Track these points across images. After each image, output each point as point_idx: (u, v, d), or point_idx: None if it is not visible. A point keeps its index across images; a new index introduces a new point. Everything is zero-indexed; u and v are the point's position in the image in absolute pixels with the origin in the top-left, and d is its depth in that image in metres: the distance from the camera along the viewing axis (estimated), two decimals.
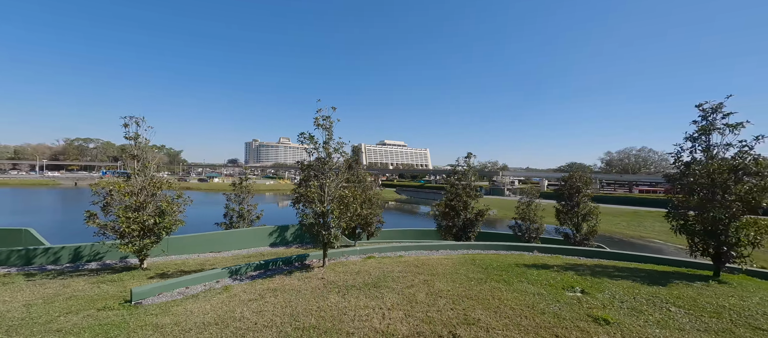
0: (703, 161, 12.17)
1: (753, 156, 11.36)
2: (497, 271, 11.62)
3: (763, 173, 11.18)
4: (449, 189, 23.08)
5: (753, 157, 11.33)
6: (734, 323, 7.50)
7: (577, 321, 7.45)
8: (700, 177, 11.95)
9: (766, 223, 11.33)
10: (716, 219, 11.37)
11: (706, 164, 11.94)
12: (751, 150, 11.37)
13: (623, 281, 10.77)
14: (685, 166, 12.64)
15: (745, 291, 10.10)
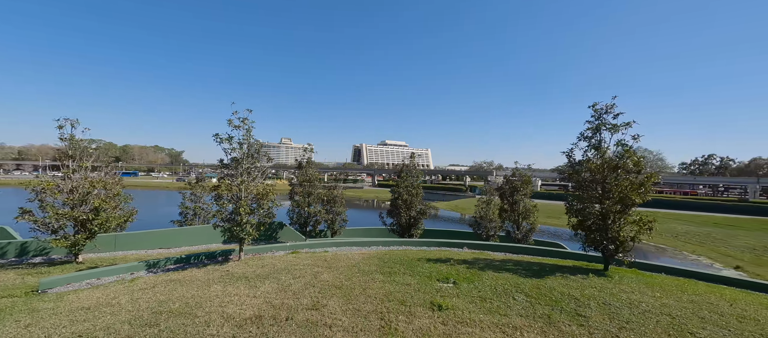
0: (592, 159, 12.69)
1: (633, 154, 11.87)
2: (396, 265, 12.25)
3: (635, 171, 11.69)
4: (394, 188, 23.65)
5: (631, 155, 11.85)
6: (563, 310, 8.06)
7: (414, 307, 8.07)
8: (586, 175, 12.48)
9: (646, 218, 11.84)
10: (598, 215, 11.88)
11: (591, 162, 12.46)
12: (630, 148, 11.89)
13: (506, 273, 11.33)
14: (578, 164, 13.15)
15: (613, 282, 10.62)
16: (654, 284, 10.74)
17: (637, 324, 7.39)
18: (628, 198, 11.47)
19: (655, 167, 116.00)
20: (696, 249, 49.21)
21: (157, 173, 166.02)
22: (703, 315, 8.00)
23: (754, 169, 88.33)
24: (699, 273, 13.57)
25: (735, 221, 59.77)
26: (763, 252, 45.18)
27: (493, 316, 7.62)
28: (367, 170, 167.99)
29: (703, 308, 8.56)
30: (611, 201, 11.78)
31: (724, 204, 74.24)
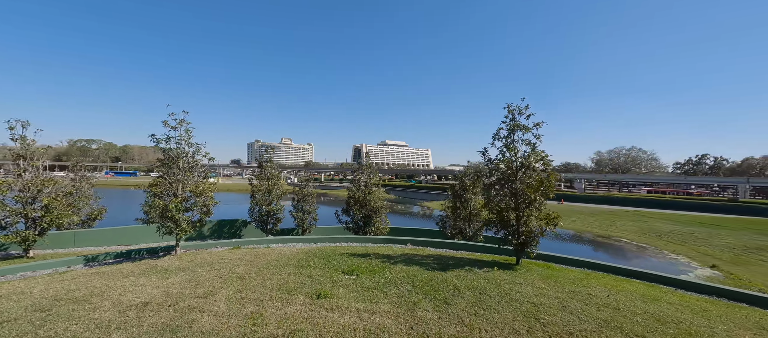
0: (508, 158, 13.22)
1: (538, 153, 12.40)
2: (316, 259, 12.87)
3: (537, 169, 12.21)
4: (349, 187, 24.23)
5: (536, 155, 12.38)
6: (434, 299, 8.64)
7: (297, 295, 8.69)
8: (497, 173, 13.02)
9: (553, 214, 12.37)
10: (504, 210, 12.42)
11: (502, 161, 13.00)
12: (534, 146, 12.43)
13: (415, 266, 11.89)
14: (492, 162, 13.67)
15: (512, 274, 11.17)
16: (553, 276, 11.27)
17: (495, 309, 7.95)
18: (527, 194, 11.97)
19: (649, 167, 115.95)
20: (677, 249, 49.39)
21: (155, 173, 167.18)
22: (566, 304, 8.54)
23: (746, 168, 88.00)
24: (624, 270, 13.94)
25: (720, 220, 59.84)
26: (741, 251, 45.31)
27: (363, 303, 8.21)
28: None
29: (574, 297, 9.09)
30: (520, 198, 12.29)
31: (715, 204, 74.21)
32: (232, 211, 47.29)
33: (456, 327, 7.00)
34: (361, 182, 24.05)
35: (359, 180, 24.16)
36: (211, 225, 23.36)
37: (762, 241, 46.98)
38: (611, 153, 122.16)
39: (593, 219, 69.65)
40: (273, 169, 24.69)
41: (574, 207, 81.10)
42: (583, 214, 73.74)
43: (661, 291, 10.61)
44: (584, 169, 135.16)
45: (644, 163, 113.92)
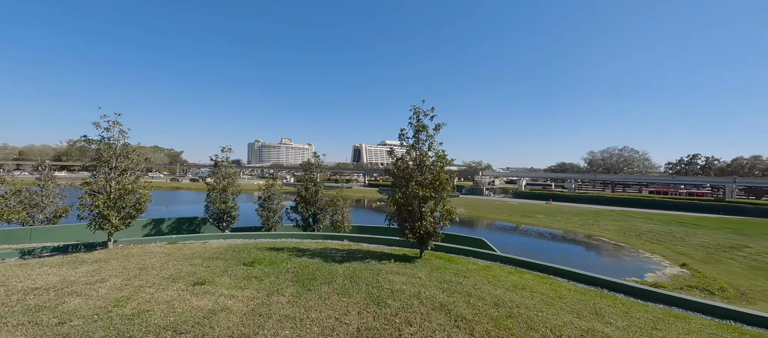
0: (412, 156, 13.94)
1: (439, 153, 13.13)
2: (230, 252, 13.73)
3: (434, 168, 12.94)
4: (300, 184, 25.00)
5: (430, 154, 13.12)
6: (302, 284, 9.42)
7: (179, 282, 9.52)
8: (400, 171, 13.77)
9: (452, 209, 13.10)
10: (404, 206, 13.16)
11: (404, 160, 13.74)
12: (431, 146, 13.16)
13: (318, 259, 12.68)
14: (399, 160, 14.40)
15: (403, 266, 11.93)
16: (444, 268, 12.02)
17: (349, 295, 8.71)
18: (414, 191, 12.70)
19: (642, 167, 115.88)
20: (652, 247, 49.83)
21: (153, 173, 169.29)
22: (426, 292, 9.25)
23: (735, 168, 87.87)
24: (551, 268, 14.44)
25: (700, 220, 60.08)
26: (714, 250, 45.73)
27: (232, 290, 9.01)
28: (360, 170, 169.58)
29: (441, 286, 9.84)
30: (422, 193, 12.99)
31: (701, 203, 74.34)
32: None
33: (295, 308, 7.78)
34: (309, 181, 24.82)
35: (308, 179, 24.94)
36: (170, 222, 24.27)
37: (736, 240, 47.36)
38: (604, 153, 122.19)
39: (577, 218, 70.09)
40: (229, 168, 25.56)
41: (563, 207, 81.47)
42: (568, 214, 74.16)
43: (555, 286, 11.15)
44: (579, 169, 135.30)
45: (636, 163, 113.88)
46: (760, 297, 32.28)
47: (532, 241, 56.64)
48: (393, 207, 13.98)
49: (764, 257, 40.75)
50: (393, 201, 13.79)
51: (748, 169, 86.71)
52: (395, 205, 13.63)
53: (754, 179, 78.43)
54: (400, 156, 14.26)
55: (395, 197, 13.52)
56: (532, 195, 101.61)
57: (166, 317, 7.17)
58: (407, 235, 13.17)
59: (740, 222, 57.30)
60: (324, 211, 24.34)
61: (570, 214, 73.47)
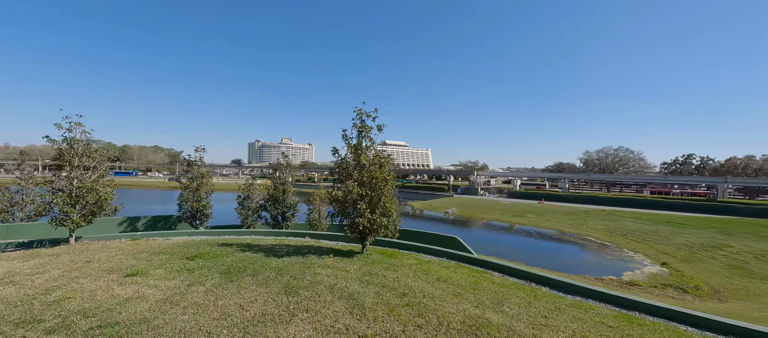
0: (353, 155, 14.47)
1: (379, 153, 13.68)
2: (181, 248, 14.36)
3: (378, 166, 13.47)
4: (270, 183, 25.61)
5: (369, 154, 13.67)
6: (229, 276, 10.00)
7: (114, 274, 10.13)
8: (341, 170, 14.32)
9: (392, 206, 13.62)
10: (342, 203, 13.71)
11: (345, 159, 14.29)
12: (369, 147, 13.70)
13: (260, 253, 13.26)
14: (342, 160, 14.93)
15: (337, 260, 12.50)
16: (376, 262, 12.57)
17: (268, 285, 9.28)
18: (350, 188, 13.25)
19: (637, 166, 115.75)
20: (637, 247, 50.16)
21: (153, 173, 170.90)
22: (342, 283, 9.81)
23: (729, 168, 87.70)
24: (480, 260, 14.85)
25: (688, 220, 60.23)
26: (697, 249, 46.04)
27: (161, 280, 9.61)
28: None
29: (362, 279, 10.40)
30: (359, 191, 13.54)
31: (693, 203, 74.43)
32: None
33: (207, 297, 8.36)
34: (278, 181, 25.43)
35: (277, 179, 25.54)
36: (145, 220, 24.97)
37: (719, 240, 47.60)
38: (600, 153, 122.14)
39: (567, 218, 70.41)
40: (203, 168, 26.23)
41: (554, 207, 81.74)
42: (559, 214, 74.47)
43: (479, 279, 11.56)
44: (576, 169, 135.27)
45: (631, 163, 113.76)
46: (732, 295, 32.61)
47: (518, 240, 57.11)
48: (334, 204, 14.53)
49: (744, 256, 41.06)
50: (330, 198, 14.36)
51: (741, 169, 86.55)
52: (334, 202, 14.20)
53: (747, 179, 78.36)
54: (343, 155, 14.80)
55: (333, 194, 14.08)
56: (526, 195, 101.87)
57: (82, 303, 7.78)
58: (345, 230, 13.72)
59: (727, 221, 57.44)
60: (292, 210, 24.95)
61: (560, 214, 73.77)
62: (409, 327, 7.14)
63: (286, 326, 6.90)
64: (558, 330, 7.49)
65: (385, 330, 6.90)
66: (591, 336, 7.29)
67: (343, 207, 13.89)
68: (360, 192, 13.21)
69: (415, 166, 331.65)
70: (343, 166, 14.49)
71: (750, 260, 39.53)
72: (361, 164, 13.66)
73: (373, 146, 14.18)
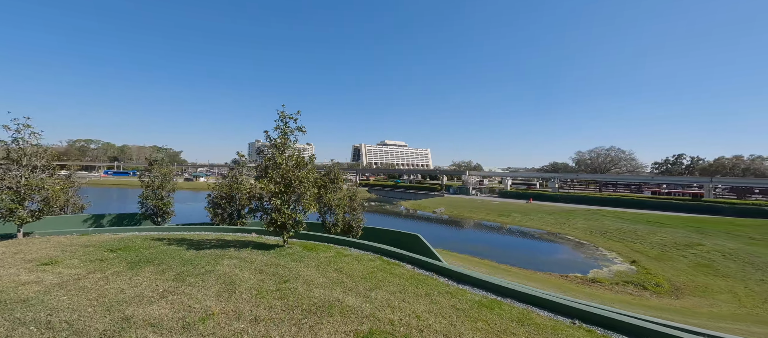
0: (277, 155, 15.31)
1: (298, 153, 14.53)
2: (112, 242, 15.26)
3: (296, 166, 14.34)
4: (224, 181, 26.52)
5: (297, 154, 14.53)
6: (136, 265, 10.88)
7: (30, 264, 11.03)
8: (261, 169, 15.19)
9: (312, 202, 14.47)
10: (260, 198, 14.56)
11: (268, 159, 15.14)
12: (287, 147, 14.56)
13: (182, 247, 14.10)
14: (267, 159, 15.78)
15: (252, 252, 13.35)
16: (290, 254, 13.43)
17: (166, 273, 10.15)
18: (264, 186, 14.14)
19: (629, 166, 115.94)
20: (612, 245, 50.85)
21: None
22: (239, 273, 10.67)
23: (717, 168, 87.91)
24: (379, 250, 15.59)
25: (668, 219, 60.70)
26: (670, 248, 46.64)
27: (70, 269, 10.47)
28: (352, 170, 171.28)
29: (265, 266, 11.28)
30: (272, 188, 14.41)
31: (679, 203, 74.79)
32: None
33: (98, 282, 9.23)
34: (232, 180, 26.30)
35: (231, 178, 26.42)
36: (110, 217, 25.96)
37: (693, 239, 48.14)
38: (592, 153, 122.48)
39: (551, 217, 71.00)
40: (165, 169, 27.20)
41: (541, 206, 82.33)
42: (544, 213, 75.08)
43: (377, 270, 12.37)
44: (570, 169, 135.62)
45: (622, 163, 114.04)
46: (690, 292, 33.30)
47: (497, 238, 57.78)
48: (253, 201, 15.42)
49: (712, 255, 41.64)
50: (250, 196, 15.25)
51: (729, 169, 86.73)
52: (251, 199, 15.10)
53: (732, 179, 78.57)
54: (267, 155, 15.66)
55: (252, 192, 14.97)
56: (516, 195, 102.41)
57: None
58: (265, 225, 14.59)
59: (705, 221, 57.88)
60: (247, 208, 25.81)
61: (545, 213, 74.37)
62: (260, 307, 7.97)
63: (148, 305, 7.75)
64: (397, 309, 8.31)
65: (235, 309, 7.73)
66: (424, 314, 8.10)
67: (261, 203, 14.78)
68: (274, 190, 14.08)
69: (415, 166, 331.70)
70: (263, 166, 15.38)
71: (717, 258, 40.12)
72: (277, 163, 14.51)
73: (291, 146, 15.03)
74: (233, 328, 6.79)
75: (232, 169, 26.86)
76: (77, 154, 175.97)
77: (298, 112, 15.16)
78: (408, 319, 7.78)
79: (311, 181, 14.79)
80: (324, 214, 23.89)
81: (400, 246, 30.63)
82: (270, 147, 15.31)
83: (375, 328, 7.11)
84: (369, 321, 7.51)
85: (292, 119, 15.07)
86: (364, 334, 6.79)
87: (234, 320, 7.19)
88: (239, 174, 25.65)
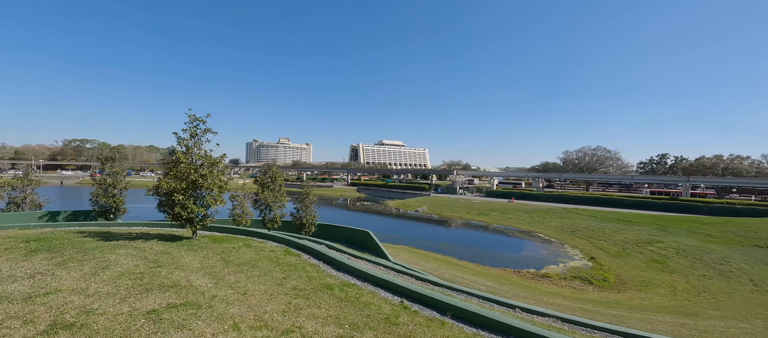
0: (187, 153, 16.46)
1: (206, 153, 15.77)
2: (36, 233, 16.51)
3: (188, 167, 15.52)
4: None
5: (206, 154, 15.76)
6: (32, 253, 12.12)
7: None
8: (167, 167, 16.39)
9: (217, 197, 15.67)
10: (169, 194, 15.77)
11: (185, 156, 16.25)
12: (190, 147, 15.78)
13: (89, 238, 15.33)
14: (171, 160, 16.82)
15: (155, 243, 14.58)
16: (188, 244, 14.69)
17: (54, 257, 11.41)
18: (165, 182, 15.35)
19: (616, 166, 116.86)
20: (578, 243, 51.99)
21: (144, 172, 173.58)
22: (122, 258, 11.89)
23: (698, 167, 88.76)
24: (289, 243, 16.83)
25: (637, 217, 61.72)
26: (631, 245, 47.79)
27: None
28: (345, 169, 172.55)
29: (155, 255, 12.50)
30: (174, 185, 15.57)
31: (656, 202, 75.83)
32: None
33: None
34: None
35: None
36: (66, 214, 27.24)
37: (655, 236, 49.24)
38: (579, 152, 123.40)
39: (528, 216, 72.08)
40: (116, 168, 28.46)
41: (522, 205, 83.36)
42: (522, 212, 76.13)
43: (262, 260, 13.57)
44: (560, 168, 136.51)
45: (608, 162, 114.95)
46: (635, 286, 34.48)
47: (469, 235, 59.05)
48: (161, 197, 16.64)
49: (667, 251, 42.75)
50: (156, 192, 16.47)
51: (709, 168, 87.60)
52: (157, 193, 16.33)
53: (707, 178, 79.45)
54: (173, 155, 16.81)
55: (159, 189, 16.20)
56: (501, 194, 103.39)
57: None
58: (169, 219, 15.80)
59: (671, 219, 58.89)
60: None
61: (523, 212, 75.44)
62: (110, 285, 9.14)
63: (11, 283, 8.96)
64: (236, 289, 9.51)
65: (84, 287, 8.90)
66: (257, 293, 9.29)
67: (169, 200, 16.00)
68: (175, 187, 15.30)
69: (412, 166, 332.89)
70: (168, 163, 16.58)
71: (671, 255, 41.22)
72: (180, 162, 15.71)
73: (198, 145, 16.21)
74: (65, 299, 8.00)
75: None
76: (73, 154, 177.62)
77: (208, 115, 16.36)
78: (235, 296, 8.95)
79: (218, 179, 15.96)
80: (263, 211, 24.97)
81: (352, 243, 32.10)
82: (184, 143, 16.43)
83: (189, 301, 8.31)
84: (192, 295, 8.72)
85: (201, 121, 16.25)
86: (172, 305, 7.99)
87: (74, 294, 8.40)
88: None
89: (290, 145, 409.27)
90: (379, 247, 27.67)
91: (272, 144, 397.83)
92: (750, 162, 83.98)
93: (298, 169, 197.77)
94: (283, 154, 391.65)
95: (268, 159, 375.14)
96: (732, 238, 44.75)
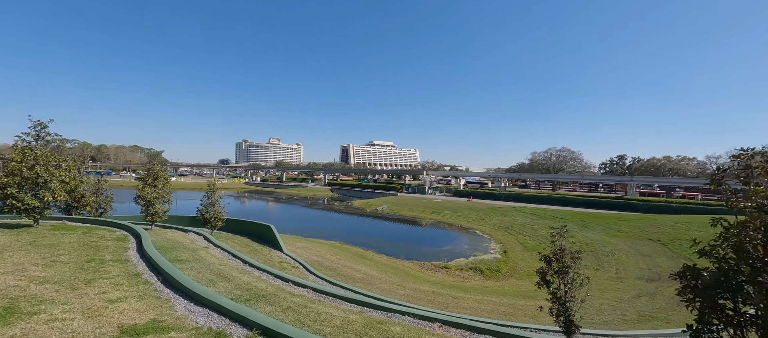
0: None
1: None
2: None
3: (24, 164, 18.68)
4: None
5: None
6: None
7: None
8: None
9: (69, 189, 18.83)
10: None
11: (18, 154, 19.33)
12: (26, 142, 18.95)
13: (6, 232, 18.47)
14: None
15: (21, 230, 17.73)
16: (27, 231, 17.84)
17: None
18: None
19: (579, 166, 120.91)
20: (504, 238, 55.43)
21: (124, 173, 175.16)
22: None
23: (647, 167, 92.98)
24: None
25: (570, 214, 65.23)
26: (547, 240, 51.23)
27: None
28: (324, 170, 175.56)
29: None
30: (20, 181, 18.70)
31: (602, 201, 79.70)
32: None
33: None
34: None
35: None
36: None
37: (571, 231, 52.56)
38: (545, 153, 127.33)
39: (475, 214, 75.48)
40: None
41: (477, 204, 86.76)
42: (472, 210, 79.50)
43: (104, 249, 16.79)
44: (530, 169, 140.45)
45: (571, 163, 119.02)
46: (520, 275, 38.06)
47: (405, 230, 62.42)
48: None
49: (573, 245, 46.15)
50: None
51: (658, 168, 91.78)
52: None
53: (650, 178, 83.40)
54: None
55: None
56: (465, 194, 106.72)
57: None
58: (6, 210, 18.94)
59: (596, 216, 62.41)
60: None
61: (473, 211, 78.86)
62: None
63: None
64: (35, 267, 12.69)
65: None
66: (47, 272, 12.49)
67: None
68: (8, 181, 18.41)
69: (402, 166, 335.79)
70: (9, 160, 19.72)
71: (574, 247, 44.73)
72: (12, 159, 18.84)
73: (38, 146, 19.35)
74: None
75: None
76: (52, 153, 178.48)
77: (51, 120, 19.57)
78: (21, 274, 12.13)
79: (57, 176, 19.15)
80: (145, 207, 27.50)
81: (255, 236, 35.22)
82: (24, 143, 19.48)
83: None
84: None
85: (42, 126, 19.42)
86: None
87: None
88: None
89: (280, 145, 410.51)
90: (277, 240, 30.92)
91: (262, 144, 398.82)
92: (696, 163, 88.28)
93: (281, 169, 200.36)
94: (273, 154, 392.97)
95: (257, 159, 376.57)
96: (636, 233, 48.40)
